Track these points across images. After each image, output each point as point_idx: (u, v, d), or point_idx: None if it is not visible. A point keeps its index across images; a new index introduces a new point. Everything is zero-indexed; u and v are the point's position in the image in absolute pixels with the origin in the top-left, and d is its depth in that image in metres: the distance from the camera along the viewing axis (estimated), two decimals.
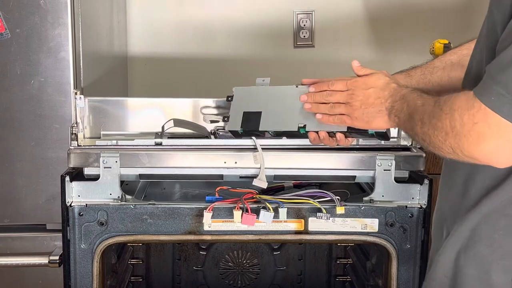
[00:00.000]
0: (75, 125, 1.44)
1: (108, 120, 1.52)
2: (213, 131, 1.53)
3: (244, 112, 1.33)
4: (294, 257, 2.02)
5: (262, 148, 1.38)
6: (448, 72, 1.33)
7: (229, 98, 1.36)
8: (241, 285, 2.01)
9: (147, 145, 1.42)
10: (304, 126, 1.27)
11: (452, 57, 1.34)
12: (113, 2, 2.16)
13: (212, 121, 1.55)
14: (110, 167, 1.38)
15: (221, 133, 1.49)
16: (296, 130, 1.27)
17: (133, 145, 1.42)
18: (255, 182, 1.37)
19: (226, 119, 1.36)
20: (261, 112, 1.31)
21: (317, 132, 1.26)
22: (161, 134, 1.49)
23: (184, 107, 1.57)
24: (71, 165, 1.40)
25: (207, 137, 1.51)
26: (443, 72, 1.33)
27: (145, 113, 1.56)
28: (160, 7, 2.43)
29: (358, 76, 1.21)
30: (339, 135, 1.25)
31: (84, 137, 1.46)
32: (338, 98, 1.21)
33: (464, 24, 2.45)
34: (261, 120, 1.31)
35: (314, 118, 1.24)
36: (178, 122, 1.51)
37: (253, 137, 1.39)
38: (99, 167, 1.38)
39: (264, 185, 1.37)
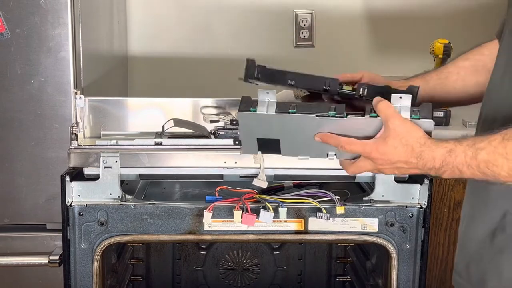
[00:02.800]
0: (75, 125, 1.44)
1: (108, 120, 1.52)
2: (213, 131, 1.54)
3: (258, 139, 1.19)
4: (294, 257, 2.02)
5: None
6: (463, 77, 1.32)
7: (234, 122, 1.26)
8: (241, 285, 2.01)
9: (147, 145, 1.42)
10: (335, 155, 1.16)
11: (465, 63, 1.33)
12: (113, 2, 2.16)
13: (212, 121, 1.55)
14: (110, 167, 1.38)
15: (221, 133, 1.49)
16: (326, 157, 1.18)
17: (133, 145, 1.42)
18: (255, 182, 1.37)
19: (238, 142, 1.26)
20: (279, 139, 1.18)
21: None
22: (161, 134, 1.49)
23: (184, 107, 1.57)
24: (71, 165, 1.40)
25: (207, 137, 1.51)
26: (457, 77, 1.32)
27: (145, 113, 1.56)
28: (160, 7, 2.43)
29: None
30: None
31: (84, 137, 1.46)
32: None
33: (464, 24, 2.45)
34: (281, 146, 1.19)
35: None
36: (178, 122, 1.51)
37: None
38: (99, 167, 1.38)
39: (264, 185, 1.37)
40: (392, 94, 1.11)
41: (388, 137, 1.05)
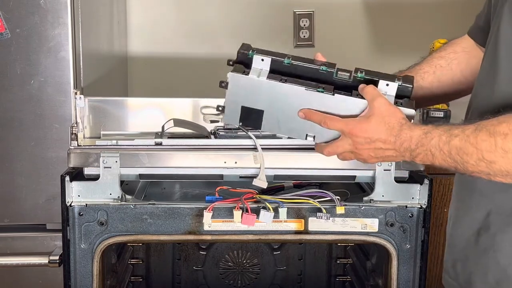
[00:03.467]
0: (75, 125, 1.44)
1: (108, 120, 1.52)
2: (213, 131, 1.53)
3: (242, 107, 1.21)
4: (294, 257, 2.02)
5: (262, 148, 1.38)
6: (439, 77, 1.33)
7: (223, 84, 1.21)
8: (241, 285, 2.01)
9: (147, 145, 1.42)
10: (314, 137, 1.19)
11: (440, 61, 1.34)
12: (113, 2, 2.16)
13: (212, 121, 1.55)
14: (110, 167, 1.38)
15: (221, 133, 1.49)
16: (304, 139, 1.20)
17: (133, 145, 1.42)
18: (255, 182, 1.37)
19: (220, 108, 1.24)
20: (263, 111, 1.20)
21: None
22: (161, 134, 1.49)
23: (184, 107, 1.57)
24: (71, 165, 1.40)
25: (207, 137, 1.50)
26: (433, 77, 1.34)
27: (145, 113, 1.56)
28: (160, 7, 2.43)
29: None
30: None
31: (84, 137, 1.46)
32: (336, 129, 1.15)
33: (464, 24, 2.45)
34: (263, 120, 1.21)
35: (326, 130, 1.16)
36: (178, 122, 1.51)
37: (253, 137, 1.39)
38: (99, 167, 1.38)
39: (264, 185, 1.37)
40: (380, 80, 1.16)
41: (372, 115, 1.11)
